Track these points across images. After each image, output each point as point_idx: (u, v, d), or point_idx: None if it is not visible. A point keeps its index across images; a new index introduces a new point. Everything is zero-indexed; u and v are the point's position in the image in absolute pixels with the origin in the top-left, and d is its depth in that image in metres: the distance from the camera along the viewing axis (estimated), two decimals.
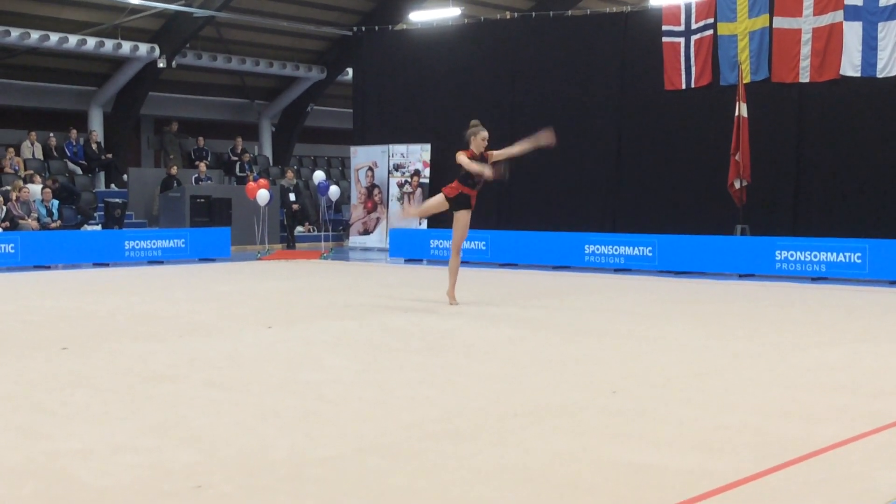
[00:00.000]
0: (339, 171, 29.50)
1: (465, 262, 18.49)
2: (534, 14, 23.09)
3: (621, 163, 20.15)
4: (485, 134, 11.02)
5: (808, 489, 4.00)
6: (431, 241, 19.30)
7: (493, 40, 21.78)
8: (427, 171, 22.32)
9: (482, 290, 13.40)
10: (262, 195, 20.51)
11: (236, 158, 26.28)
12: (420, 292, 13.07)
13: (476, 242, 18.60)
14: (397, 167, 22.68)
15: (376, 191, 23.12)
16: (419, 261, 19.21)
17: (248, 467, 4.38)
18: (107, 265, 17.90)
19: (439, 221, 21.57)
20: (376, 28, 24.01)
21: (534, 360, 7.40)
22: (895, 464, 4.33)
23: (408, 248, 19.59)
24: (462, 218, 11.17)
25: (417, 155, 22.41)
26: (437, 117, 22.16)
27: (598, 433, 5.01)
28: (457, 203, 11.12)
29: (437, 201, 11.42)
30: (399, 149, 22.65)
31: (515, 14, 23.33)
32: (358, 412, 5.51)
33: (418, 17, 24.99)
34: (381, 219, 22.98)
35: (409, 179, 22.49)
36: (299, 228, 24.32)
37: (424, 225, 21.64)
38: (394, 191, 22.75)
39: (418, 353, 7.67)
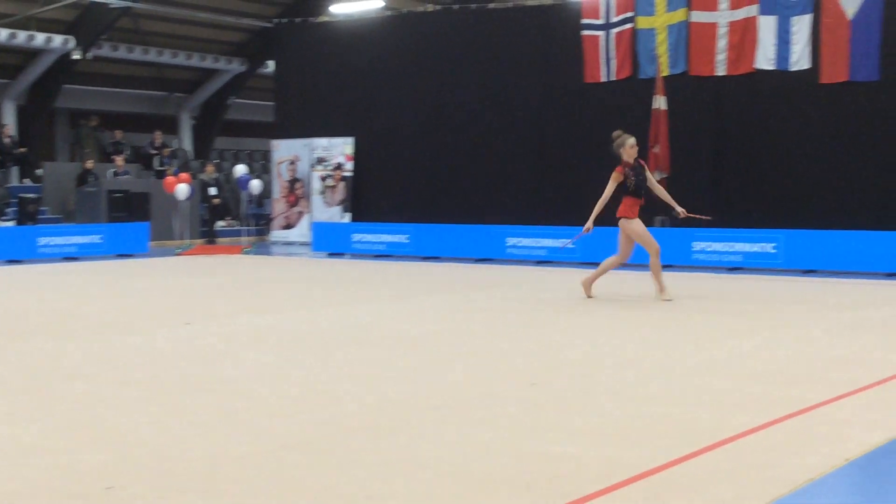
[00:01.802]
0: (261, 165, 29.21)
1: (387, 256, 18.51)
2: (456, 6, 23.10)
3: (543, 155, 20.26)
4: (633, 140, 11.07)
5: (718, 477, 4.06)
6: (354, 234, 19.23)
7: (416, 33, 21.74)
8: (350, 165, 22.20)
9: (405, 283, 13.39)
10: (182, 189, 20.21)
11: (155, 152, 25.84)
12: (343, 286, 13.01)
13: (399, 236, 18.58)
14: (320, 161, 22.52)
15: (298, 184, 22.94)
16: (342, 254, 19.13)
17: (161, 467, 4.30)
18: (20, 262, 17.48)
19: (362, 215, 21.51)
20: (298, 20, 23.80)
21: (455, 352, 7.41)
22: (804, 450, 4.42)
23: (330, 242, 19.49)
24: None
25: (340, 148, 22.28)
26: (361, 110, 22.06)
27: (516, 425, 5.03)
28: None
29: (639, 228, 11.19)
30: (321, 142, 22.50)
31: (438, 7, 23.31)
32: (276, 409, 5.46)
33: (340, 9, 24.81)
34: (303, 213, 22.81)
35: (332, 173, 22.36)
36: (220, 223, 24.03)
37: (348, 219, 21.56)
38: (316, 184, 22.59)
39: (340, 348, 7.62)
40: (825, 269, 14.55)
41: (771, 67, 17.52)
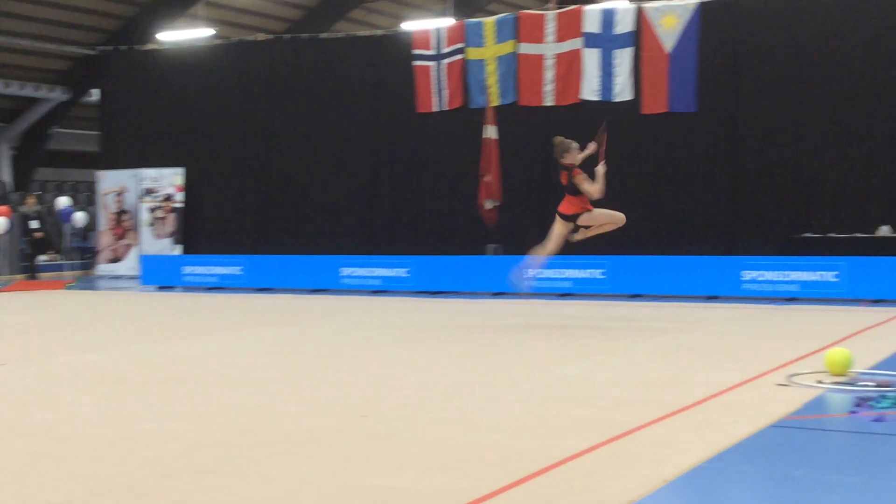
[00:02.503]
0: (87, 197, 28.24)
1: (219, 288, 18.14)
2: (287, 36, 22.97)
3: (377, 184, 20.29)
4: (577, 145, 11.20)
5: (542, 502, 4.10)
6: (184, 267, 18.79)
7: (247, 62, 21.49)
8: (180, 196, 21.70)
9: (237, 316, 13.14)
10: (0, 223, 19.32)
11: None
12: (171, 320, 12.67)
13: (231, 267, 18.26)
14: (148, 191, 21.93)
15: (126, 216, 22.28)
16: (172, 288, 18.65)
17: None
18: None
19: (194, 247, 21.03)
20: (124, 48, 23.18)
21: (284, 386, 7.28)
22: (624, 473, 4.51)
23: (160, 275, 18.98)
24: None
25: (169, 179, 21.76)
26: (191, 140, 21.62)
27: (345, 458, 4.96)
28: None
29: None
30: (150, 173, 21.91)
31: (269, 36, 23.11)
32: (94, 451, 5.23)
33: (167, 36, 24.33)
34: (131, 245, 22.14)
35: (161, 204, 21.81)
36: (42, 257, 23.07)
37: (179, 251, 21.05)
38: (145, 216, 21.99)
39: (164, 385, 7.39)
40: (650, 293, 15.04)
41: (596, 98, 18.06)
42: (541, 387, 7.02)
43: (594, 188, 10.83)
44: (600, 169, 11.02)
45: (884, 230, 15.86)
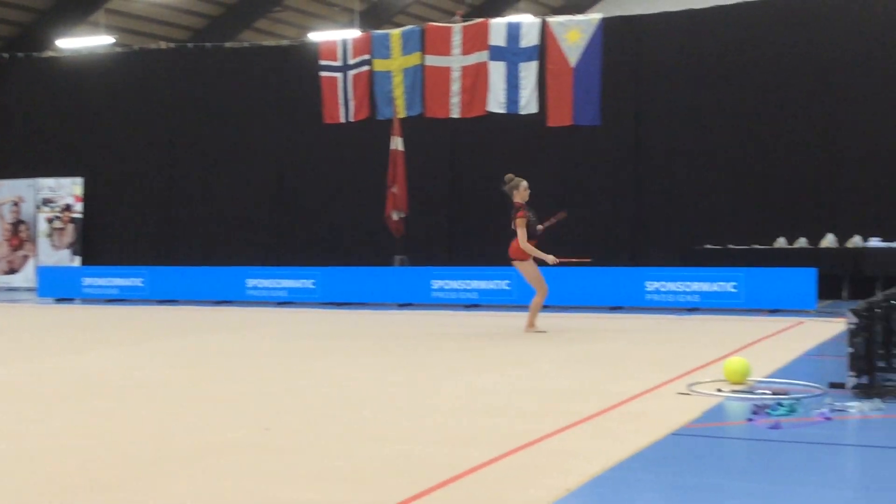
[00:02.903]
0: None
1: (120, 300, 17.78)
2: (191, 45, 22.67)
3: (283, 195, 20.15)
4: (525, 183, 11.31)
5: None
6: (84, 278, 18.38)
7: (149, 71, 21.16)
8: (79, 206, 21.22)
9: (138, 328, 12.90)
10: None
11: None
12: (70, 333, 12.37)
13: (133, 279, 17.91)
14: (46, 202, 21.41)
15: (23, 227, 21.71)
16: (71, 300, 18.22)
17: None
18: None
19: (94, 258, 20.59)
20: (21, 55, 22.61)
21: (189, 399, 7.16)
22: (529, 483, 4.54)
23: (59, 287, 18.53)
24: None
25: (68, 189, 21.28)
26: (91, 149, 21.21)
27: (251, 471, 4.90)
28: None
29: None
30: (48, 182, 21.41)
31: (172, 45, 22.79)
32: None
33: (66, 44, 23.82)
34: (28, 256, 21.58)
35: (60, 215, 21.31)
36: None
37: (78, 262, 20.59)
38: (42, 227, 21.45)
39: (66, 400, 7.20)
40: (556, 304, 15.17)
41: (502, 111, 18.23)
42: (448, 397, 7.03)
43: (520, 235, 11.08)
44: (540, 227, 11.42)
45: (780, 241, 16.31)
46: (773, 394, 6.64)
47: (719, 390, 6.83)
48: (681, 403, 6.47)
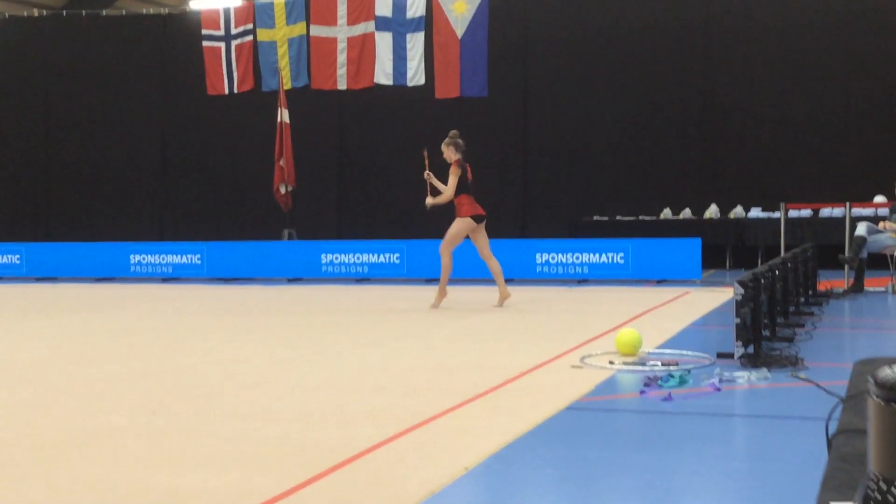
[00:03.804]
0: None
1: None
2: (65, 13, 21.88)
3: (167, 169, 19.66)
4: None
5: (344, 497, 4.01)
6: None
7: (23, 39, 20.36)
8: None
9: (15, 308, 12.42)
10: None
11: None
12: None
13: (9, 256, 17.25)
14: None
15: None
16: None
17: None
18: None
19: None
20: None
21: (69, 382, 6.90)
22: (424, 463, 4.48)
23: None
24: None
25: None
26: None
27: (136, 457, 4.72)
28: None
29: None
30: None
31: (45, 12, 21.95)
32: None
33: None
34: None
35: None
36: None
37: None
38: None
39: None
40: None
41: (389, 83, 18.07)
42: (340, 375, 6.93)
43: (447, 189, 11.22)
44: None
45: (666, 213, 16.59)
46: (664, 365, 6.72)
47: (611, 363, 6.88)
48: (574, 377, 6.49)
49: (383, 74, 18.14)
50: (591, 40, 17.49)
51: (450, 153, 11.26)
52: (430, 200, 11.25)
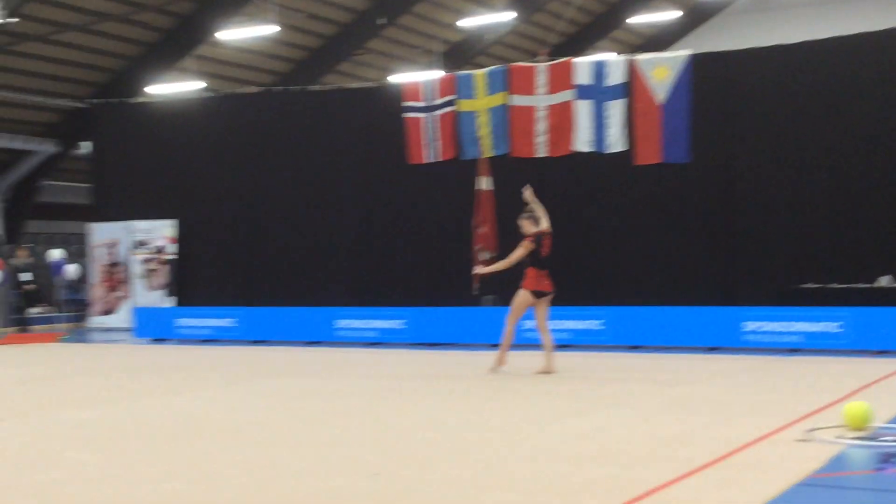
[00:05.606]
0: (78, 249, 28.02)
1: (213, 340, 17.94)
2: (278, 88, 22.99)
3: (370, 236, 20.21)
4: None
5: None
6: (178, 319, 18.63)
7: (237, 115, 21.46)
8: (173, 247, 21.54)
9: (233, 369, 12.96)
10: None
11: None
12: (166, 373, 12.48)
13: (225, 319, 18.10)
14: (140, 244, 21.78)
15: (118, 268, 22.10)
16: (166, 340, 18.45)
17: None
18: None
19: (187, 299, 20.84)
20: (115, 100, 23.14)
21: (290, 443, 7.12)
22: None
23: (153, 328, 18.80)
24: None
25: (161, 231, 21.62)
26: (183, 192, 21.52)
27: None
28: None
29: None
30: (142, 225, 21.78)
31: (259, 88, 23.14)
32: None
33: (156, 89, 24.36)
34: (124, 297, 21.93)
35: (154, 256, 21.65)
36: (34, 310, 22.84)
37: (171, 303, 20.86)
38: (137, 268, 21.81)
39: (167, 441, 7.22)
40: (649, 344, 14.93)
41: (589, 149, 18.04)
42: (553, 443, 6.88)
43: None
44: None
45: (884, 280, 15.82)
46: None
47: (840, 437, 6.55)
48: (801, 451, 6.22)
49: (583, 141, 18.11)
50: (798, 102, 16.95)
51: (527, 226, 11.40)
52: (481, 269, 11.61)
